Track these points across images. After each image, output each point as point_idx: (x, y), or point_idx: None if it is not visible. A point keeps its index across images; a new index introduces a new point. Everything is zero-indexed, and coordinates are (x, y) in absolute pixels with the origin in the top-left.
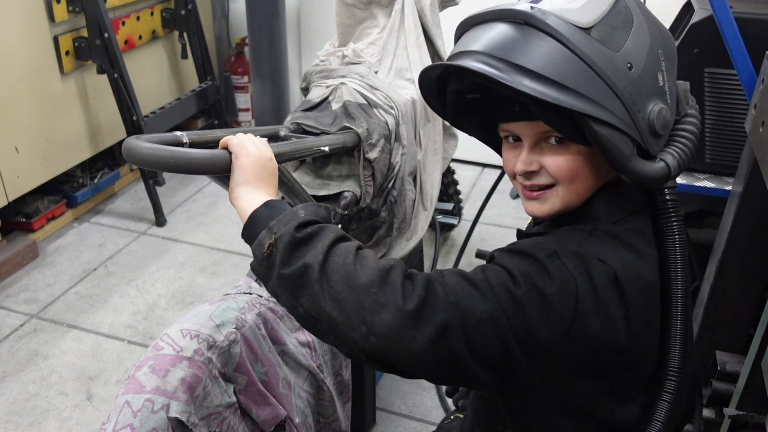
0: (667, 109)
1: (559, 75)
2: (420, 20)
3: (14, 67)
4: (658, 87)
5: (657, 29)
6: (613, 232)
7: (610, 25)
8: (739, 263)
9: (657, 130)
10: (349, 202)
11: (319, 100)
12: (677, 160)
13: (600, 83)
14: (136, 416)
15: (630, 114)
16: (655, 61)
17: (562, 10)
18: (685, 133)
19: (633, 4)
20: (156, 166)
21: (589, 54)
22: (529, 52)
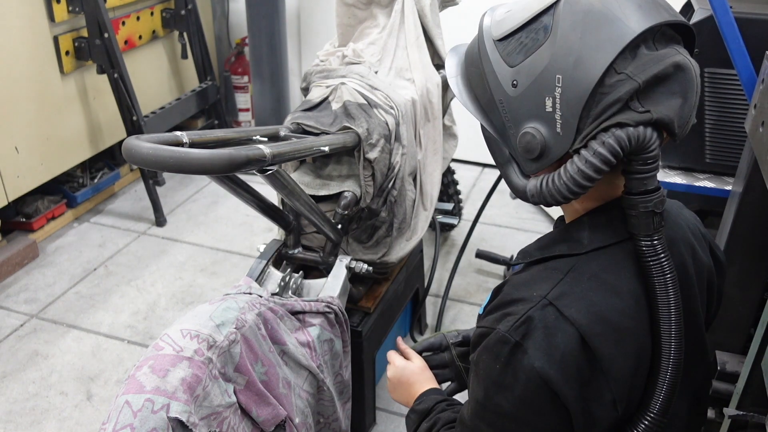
0: (534, 136)
1: (469, 75)
2: (420, 20)
3: (14, 67)
4: (542, 112)
5: (569, 53)
6: (590, 272)
7: (518, 41)
8: (739, 263)
9: (521, 153)
10: (349, 202)
11: (319, 100)
12: (536, 191)
13: (486, 91)
14: (136, 416)
15: (505, 127)
16: (546, 85)
17: (492, 20)
18: (562, 171)
19: (564, 24)
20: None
21: (485, 63)
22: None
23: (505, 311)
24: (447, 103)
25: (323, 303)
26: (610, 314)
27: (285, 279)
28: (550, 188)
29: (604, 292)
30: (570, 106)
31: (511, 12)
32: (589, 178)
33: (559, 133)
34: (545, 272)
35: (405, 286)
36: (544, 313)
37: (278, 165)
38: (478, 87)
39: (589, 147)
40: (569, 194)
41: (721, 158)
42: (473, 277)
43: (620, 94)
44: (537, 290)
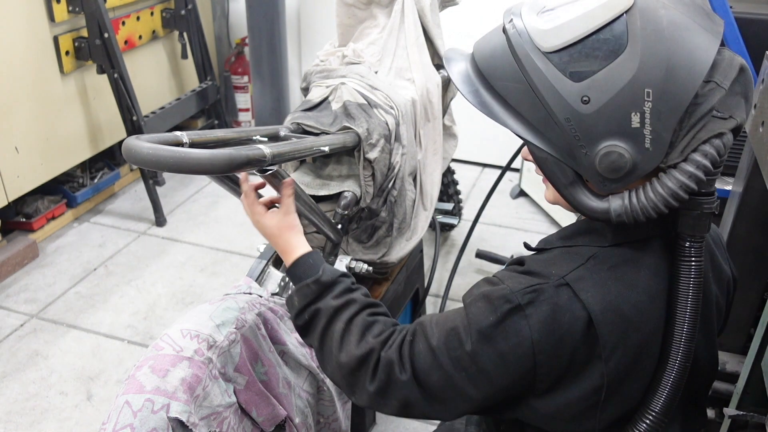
0: (621, 155)
1: (504, 90)
2: (420, 20)
3: (14, 67)
4: (627, 128)
5: (659, 65)
6: (611, 263)
7: (582, 52)
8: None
9: (599, 172)
10: (349, 202)
11: (319, 100)
12: (624, 210)
13: (541, 109)
14: (136, 416)
15: (570, 146)
16: (631, 100)
17: (531, 29)
18: (658, 186)
19: (645, 32)
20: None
21: (536, 78)
22: (494, 63)
23: (518, 273)
24: (447, 103)
25: None
26: (623, 305)
27: (285, 279)
28: (645, 205)
29: (621, 283)
30: (663, 121)
31: (563, 19)
32: (690, 191)
33: (649, 148)
34: (567, 255)
35: (405, 286)
36: (558, 291)
37: (278, 165)
38: (523, 104)
39: (690, 160)
40: (664, 209)
41: None
42: (473, 277)
43: (712, 103)
44: (556, 269)
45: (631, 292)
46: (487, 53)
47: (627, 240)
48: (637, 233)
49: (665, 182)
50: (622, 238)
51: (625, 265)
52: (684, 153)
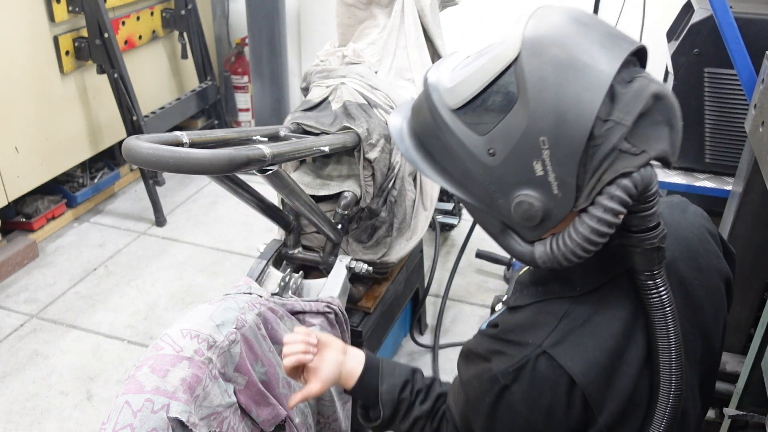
0: (531, 204)
1: (429, 145)
2: (420, 20)
3: (14, 67)
4: (533, 177)
5: (548, 112)
6: (583, 317)
7: (481, 106)
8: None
9: (521, 222)
10: (349, 202)
11: (319, 100)
12: (546, 255)
13: (459, 163)
14: (136, 416)
15: (490, 197)
16: (530, 150)
17: (441, 86)
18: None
19: (531, 81)
20: (156, 166)
21: (448, 134)
22: (420, 118)
23: (500, 348)
24: None
25: (323, 303)
26: (602, 358)
27: (285, 279)
28: (563, 251)
29: (597, 336)
30: (563, 166)
31: (463, 75)
32: (603, 234)
33: (558, 194)
34: (539, 316)
35: (405, 286)
36: (537, 363)
37: (278, 165)
38: (445, 159)
39: (597, 204)
40: (584, 253)
41: (721, 158)
42: (473, 277)
43: (613, 142)
44: (532, 337)
45: (609, 341)
46: (416, 107)
47: (595, 285)
48: (604, 275)
49: (577, 227)
50: (591, 284)
51: (597, 315)
52: (590, 196)
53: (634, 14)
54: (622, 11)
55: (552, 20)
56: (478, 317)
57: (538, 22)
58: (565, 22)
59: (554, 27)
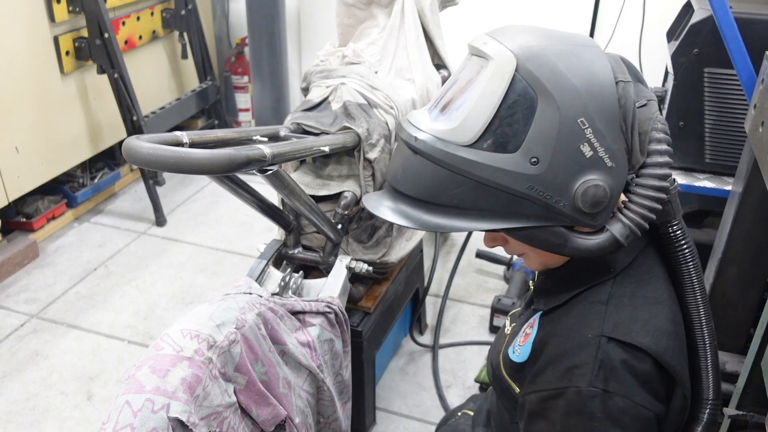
0: (596, 185)
1: (453, 199)
2: (420, 20)
3: (14, 67)
4: (585, 160)
5: (575, 94)
6: (629, 293)
7: (503, 125)
8: (738, 263)
9: (585, 210)
10: (349, 202)
11: (319, 100)
12: (626, 227)
13: (500, 194)
14: (136, 416)
15: (546, 207)
16: (573, 136)
17: (441, 133)
18: (641, 189)
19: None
20: (156, 166)
21: (476, 171)
22: (426, 183)
23: (567, 365)
24: None
25: (323, 303)
26: (664, 324)
27: (285, 279)
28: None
29: (649, 306)
30: (607, 137)
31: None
32: (668, 177)
33: (613, 166)
34: (585, 309)
35: (405, 286)
36: (610, 350)
37: (278, 165)
38: (480, 200)
39: (651, 153)
40: (660, 205)
41: (720, 158)
42: (473, 277)
43: (632, 97)
44: (589, 330)
45: (661, 307)
46: (412, 180)
47: (628, 260)
48: (634, 247)
49: (645, 183)
50: (625, 261)
51: (641, 288)
52: (643, 151)
53: (634, 14)
54: (622, 11)
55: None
56: (479, 317)
57: (506, 35)
58: (528, 27)
59: (524, 31)
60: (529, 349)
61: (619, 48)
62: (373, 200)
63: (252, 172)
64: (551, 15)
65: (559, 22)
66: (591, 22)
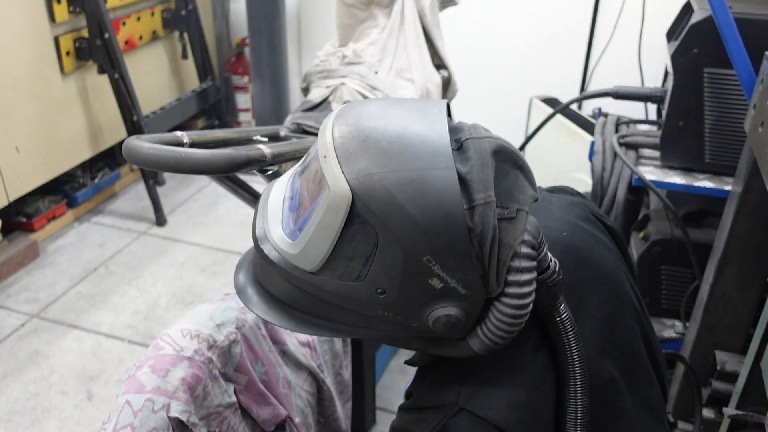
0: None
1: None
2: (420, 20)
3: (15, 68)
4: (435, 291)
5: (417, 231)
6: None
7: (344, 257)
8: (738, 263)
9: (445, 335)
10: None
11: (320, 100)
12: (484, 344)
13: (353, 314)
14: (136, 416)
15: (403, 325)
16: (420, 272)
17: (289, 255)
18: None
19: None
20: (156, 166)
21: (325, 296)
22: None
23: (419, 416)
24: None
25: None
26: (522, 396)
27: None
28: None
29: (508, 374)
30: (459, 270)
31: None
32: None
33: (467, 293)
34: (447, 371)
35: None
36: (457, 421)
37: (278, 165)
38: (334, 315)
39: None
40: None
41: (720, 158)
42: None
43: (492, 222)
44: (446, 396)
45: (521, 376)
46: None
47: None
48: None
49: (502, 310)
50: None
51: (504, 352)
52: (500, 280)
53: (634, 14)
54: (622, 11)
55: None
56: None
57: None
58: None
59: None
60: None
61: (619, 48)
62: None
63: (252, 172)
64: (551, 15)
65: (559, 22)
66: (591, 22)
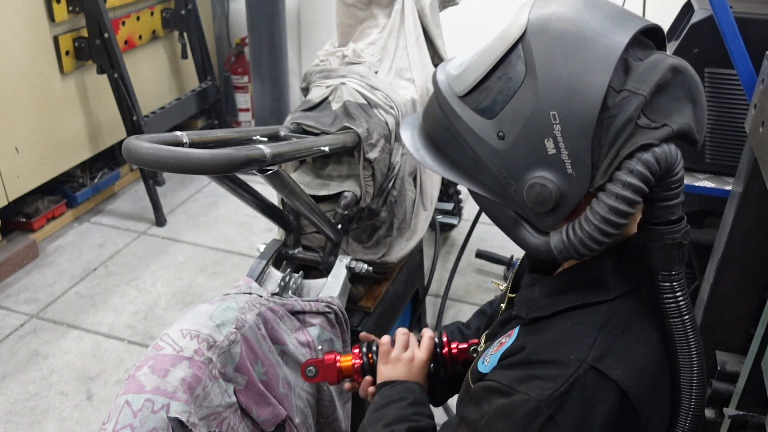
0: (544, 185)
1: (437, 139)
2: (420, 20)
3: (14, 67)
4: (545, 156)
5: (558, 85)
6: (624, 322)
7: (488, 88)
8: (739, 263)
9: (534, 207)
10: (349, 202)
11: (319, 100)
12: (563, 245)
13: (468, 152)
14: (136, 416)
15: (502, 186)
16: (540, 127)
17: (449, 76)
18: (589, 214)
19: (538, 55)
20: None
21: (456, 122)
22: (428, 114)
23: (532, 372)
24: None
25: (323, 303)
26: (650, 366)
27: (285, 279)
28: (581, 237)
29: (640, 342)
30: (576, 141)
31: (469, 62)
32: (623, 214)
33: (572, 174)
34: (575, 327)
35: (405, 286)
36: (585, 380)
37: (278, 165)
38: (455, 152)
39: (615, 180)
40: (604, 238)
41: (721, 158)
42: (473, 277)
43: (629, 113)
44: (572, 351)
45: (651, 347)
46: (427, 107)
47: (631, 286)
48: (638, 274)
49: (594, 208)
50: (625, 286)
51: (638, 321)
52: (608, 173)
53: None
54: None
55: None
56: None
57: (544, 2)
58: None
59: (561, 4)
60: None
61: None
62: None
63: (252, 172)
64: None
65: None
66: None
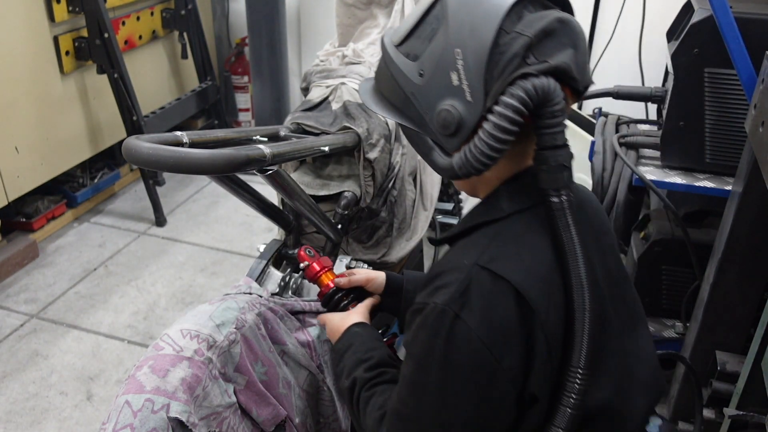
0: (449, 111)
1: (380, 84)
2: None
3: (14, 67)
4: (451, 87)
5: (462, 26)
6: (514, 234)
7: (416, 36)
8: (739, 263)
9: (441, 131)
10: (349, 202)
11: (319, 100)
12: (462, 160)
13: (398, 90)
14: (136, 416)
15: (420, 117)
16: (448, 62)
17: (390, 32)
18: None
19: (452, 8)
20: (156, 166)
21: (391, 67)
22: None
23: (436, 284)
24: None
25: None
26: (540, 269)
27: (285, 279)
28: (474, 153)
29: (530, 249)
30: (473, 73)
31: (406, 20)
32: (506, 130)
33: (470, 101)
34: (470, 242)
35: None
36: (480, 279)
37: (278, 165)
38: (391, 93)
39: (500, 102)
40: (493, 153)
41: (721, 158)
42: None
43: (516, 49)
44: (466, 258)
45: (542, 254)
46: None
47: (522, 206)
48: (529, 199)
49: (484, 127)
50: (517, 206)
51: (527, 233)
52: (495, 97)
53: (634, 14)
54: (622, 11)
55: None
56: None
57: None
58: None
59: None
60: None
61: (619, 48)
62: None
63: (252, 172)
64: None
65: None
66: (591, 22)
